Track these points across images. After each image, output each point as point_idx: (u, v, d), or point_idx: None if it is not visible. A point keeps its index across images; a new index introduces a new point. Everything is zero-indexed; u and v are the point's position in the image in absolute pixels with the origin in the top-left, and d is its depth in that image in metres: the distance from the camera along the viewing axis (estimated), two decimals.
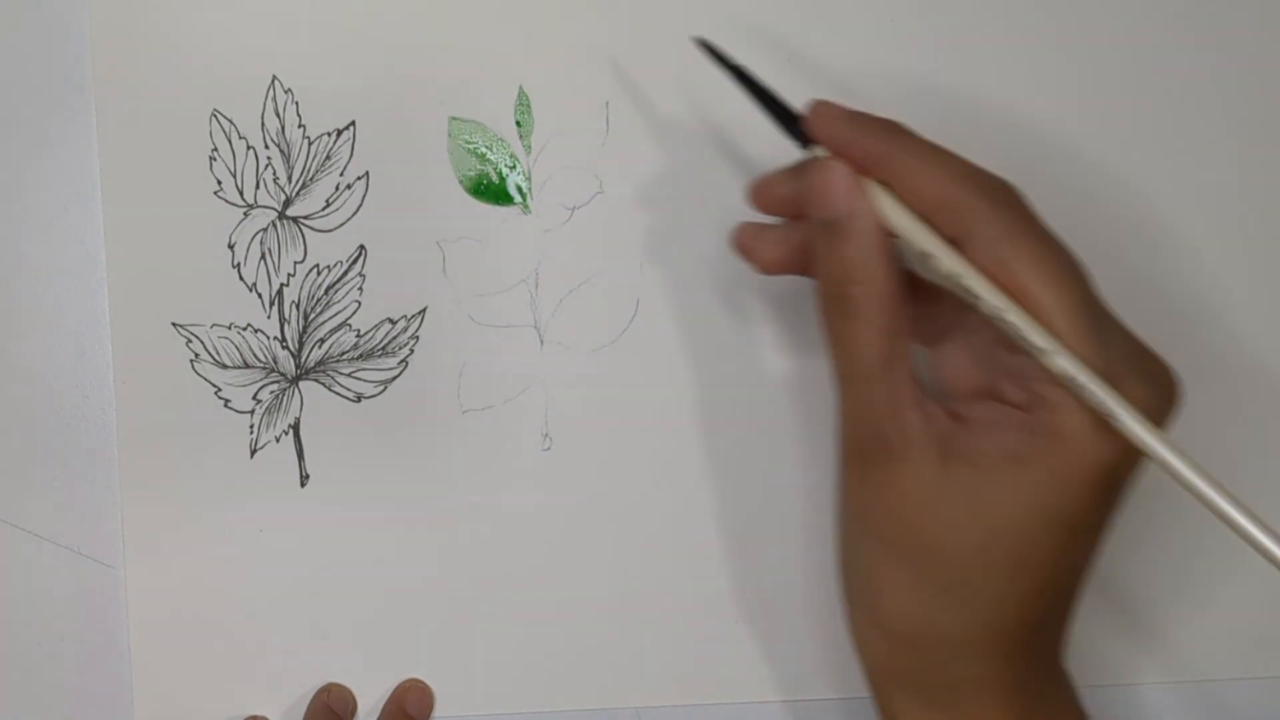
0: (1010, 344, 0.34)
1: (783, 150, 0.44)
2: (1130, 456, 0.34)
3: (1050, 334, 0.33)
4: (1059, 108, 0.45)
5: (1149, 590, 0.46)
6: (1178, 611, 0.46)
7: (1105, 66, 0.45)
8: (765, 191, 0.39)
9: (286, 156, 0.44)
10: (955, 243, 0.34)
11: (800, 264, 0.38)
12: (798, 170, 0.37)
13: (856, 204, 0.35)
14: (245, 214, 0.44)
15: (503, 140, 0.44)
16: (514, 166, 0.44)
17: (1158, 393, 0.34)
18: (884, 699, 0.38)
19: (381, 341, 0.44)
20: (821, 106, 0.36)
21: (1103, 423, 0.33)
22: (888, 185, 0.35)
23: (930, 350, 0.38)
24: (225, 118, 0.43)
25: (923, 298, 0.38)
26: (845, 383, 0.36)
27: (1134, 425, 0.32)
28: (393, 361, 0.44)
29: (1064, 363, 0.33)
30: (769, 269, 0.39)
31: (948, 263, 0.34)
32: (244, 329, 0.44)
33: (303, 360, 0.44)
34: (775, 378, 0.45)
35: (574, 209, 0.44)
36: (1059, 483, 0.34)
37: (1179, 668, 0.46)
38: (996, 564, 0.35)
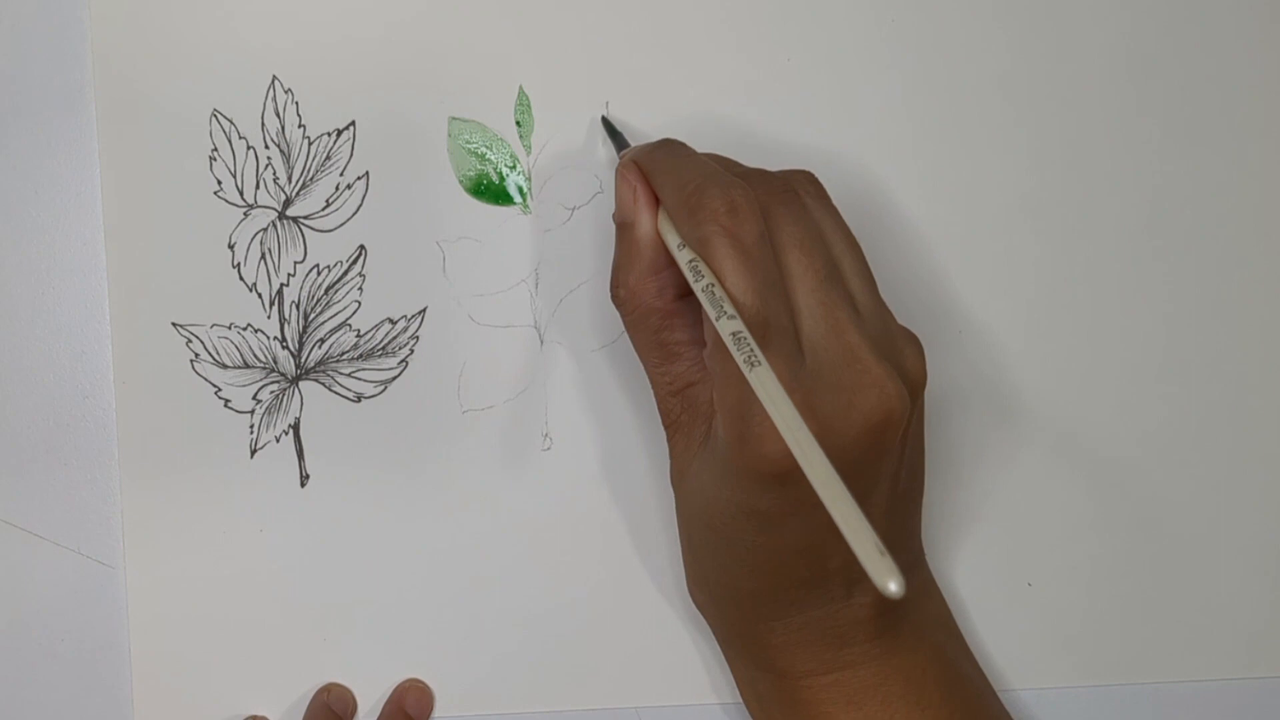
0: (716, 341, 0.36)
1: (784, 150, 0.44)
2: (782, 463, 0.34)
3: (729, 303, 0.35)
4: (1062, 107, 0.45)
5: (1125, 590, 0.46)
6: (1154, 611, 0.46)
7: (1106, 64, 0.45)
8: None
9: (286, 156, 0.44)
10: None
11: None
12: None
13: (629, 212, 0.39)
14: (245, 214, 0.44)
15: (503, 140, 0.44)
16: (514, 166, 0.44)
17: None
18: (719, 641, 0.42)
19: (381, 341, 0.44)
20: (626, 152, 0.41)
21: (748, 435, 0.34)
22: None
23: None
24: (225, 118, 0.43)
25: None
26: (645, 369, 0.40)
27: (767, 392, 0.33)
28: (393, 361, 0.44)
29: (724, 326, 0.34)
30: None
31: (677, 253, 0.37)
32: (244, 329, 0.44)
33: (303, 360, 0.44)
34: None
35: (574, 209, 0.44)
36: (735, 478, 0.36)
37: (1156, 669, 0.46)
38: (717, 538, 0.38)
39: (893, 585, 0.29)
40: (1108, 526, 0.46)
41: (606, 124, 0.44)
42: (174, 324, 0.44)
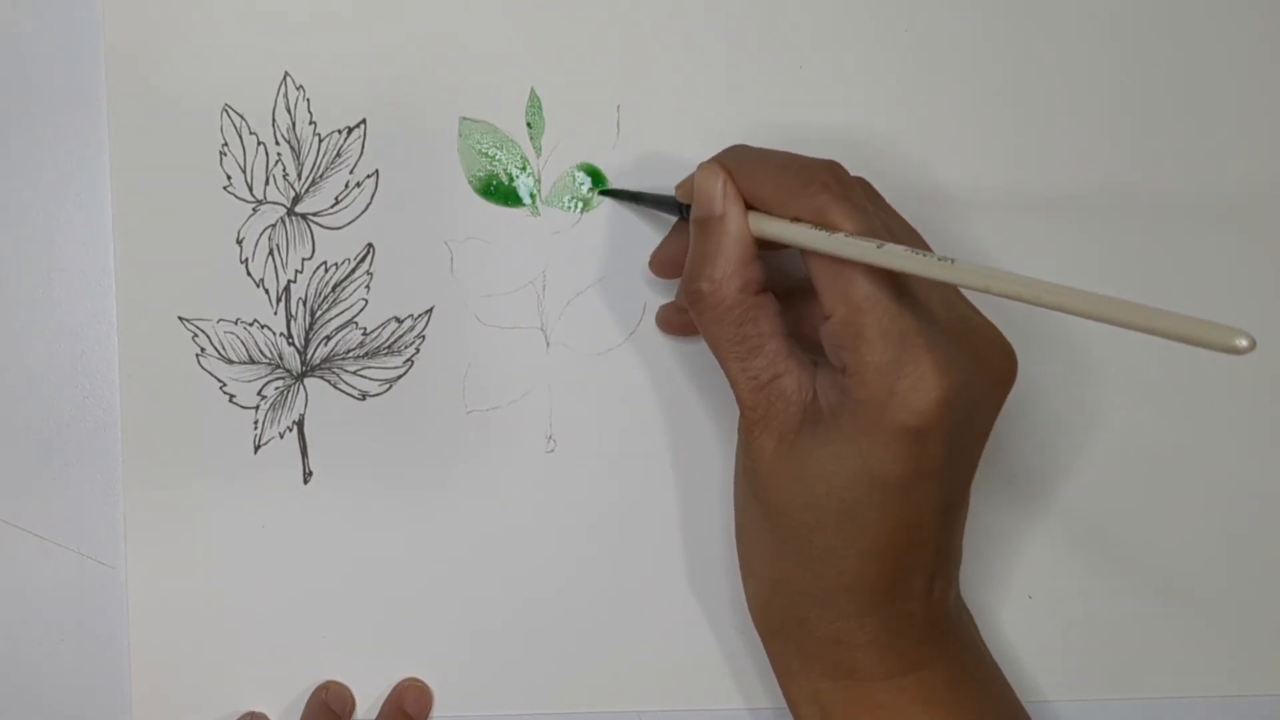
0: (849, 311, 0.36)
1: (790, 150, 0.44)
2: (926, 414, 0.35)
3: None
4: (1075, 114, 0.45)
5: (1124, 605, 0.46)
6: (1153, 626, 0.46)
7: (1119, 72, 0.45)
8: (659, 259, 0.44)
9: (297, 153, 0.44)
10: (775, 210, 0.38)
11: None
12: (677, 228, 0.43)
13: (718, 204, 0.39)
14: (254, 209, 0.44)
15: (513, 141, 0.44)
16: (524, 168, 0.44)
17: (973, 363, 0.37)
18: (771, 653, 0.41)
19: (387, 340, 0.44)
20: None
21: (899, 388, 0.35)
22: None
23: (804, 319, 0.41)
24: (236, 113, 0.43)
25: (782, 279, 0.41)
26: (721, 365, 0.39)
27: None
28: (398, 360, 0.44)
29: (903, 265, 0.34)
30: (688, 332, 0.45)
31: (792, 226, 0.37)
32: (250, 324, 0.44)
33: (308, 357, 0.44)
34: None
35: (583, 211, 0.44)
36: (866, 444, 0.36)
37: (1154, 684, 0.46)
38: (825, 522, 0.37)
39: (1242, 341, 0.28)
40: (1108, 540, 0.46)
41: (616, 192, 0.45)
42: (180, 318, 0.44)
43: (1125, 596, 0.46)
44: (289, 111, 0.44)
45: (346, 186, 0.44)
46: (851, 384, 0.36)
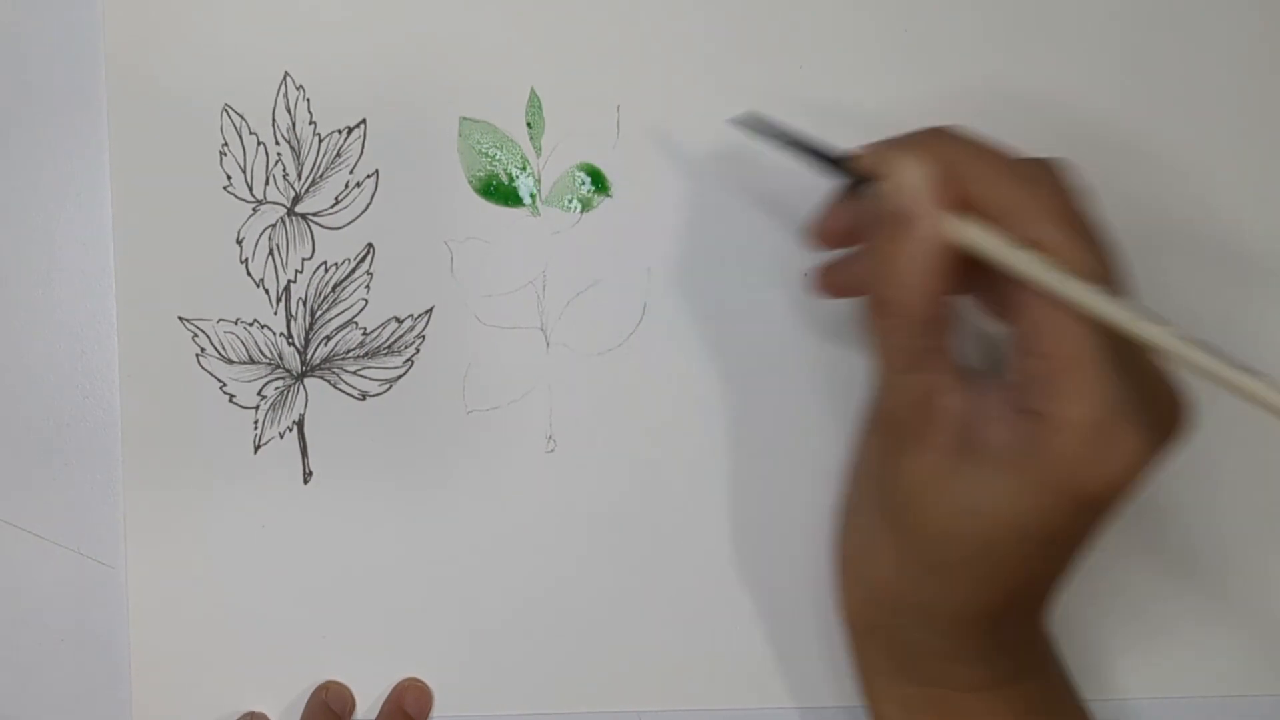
0: (1038, 349, 0.35)
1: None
2: (1116, 486, 0.34)
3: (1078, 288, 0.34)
4: (1076, 116, 0.45)
5: (1126, 605, 0.46)
6: (1153, 626, 0.46)
7: (1121, 73, 0.46)
8: (826, 230, 0.41)
9: (297, 153, 0.44)
10: (996, 222, 0.35)
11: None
12: (852, 198, 0.39)
13: (920, 206, 0.35)
14: (254, 209, 0.44)
15: (513, 141, 0.44)
16: (524, 168, 0.44)
17: (1158, 418, 0.35)
18: (858, 649, 0.41)
19: (387, 340, 0.44)
20: (869, 146, 0.37)
21: (1097, 455, 0.33)
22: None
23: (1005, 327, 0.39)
24: (236, 113, 0.43)
25: (988, 283, 0.38)
26: (880, 369, 0.37)
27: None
28: (398, 360, 0.44)
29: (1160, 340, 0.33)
30: (844, 294, 0.42)
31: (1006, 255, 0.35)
32: (250, 324, 0.44)
33: (308, 357, 0.44)
34: (781, 383, 0.45)
35: (583, 212, 0.44)
36: (1042, 498, 0.34)
37: (1155, 685, 0.46)
38: (975, 558, 0.36)
39: None
40: (1108, 540, 0.46)
41: (749, 124, 0.41)
42: (180, 318, 0.44)
43: (1125, 596, 0.46)
44: (289, 111, 0.44)
45: (346, 186, 0.44)
46: (1040, 432, 0.34)
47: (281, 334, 0.44)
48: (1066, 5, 0.45)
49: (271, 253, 0.44)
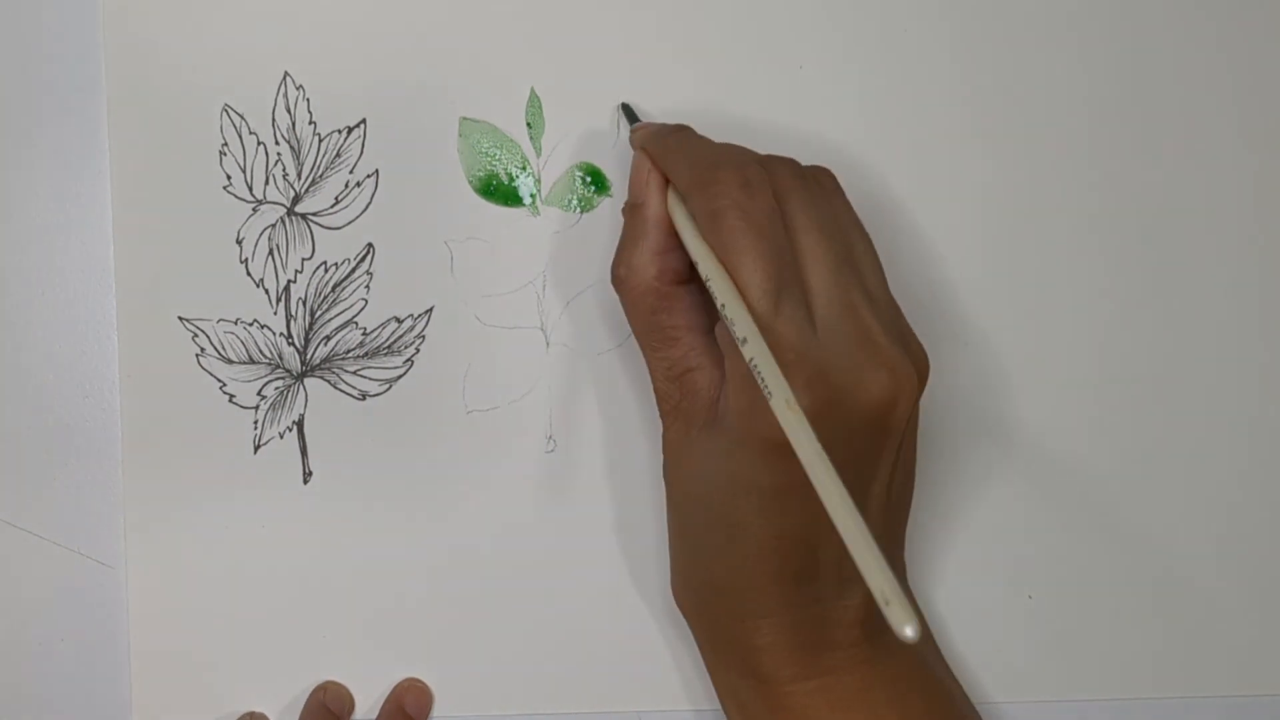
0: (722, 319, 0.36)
1: (794, 156, 0.44)
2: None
3: (744, 312, 0.35)
4: (1075, 116, 0.45)
5: (1123, 605, 0.46)
6: (1152, 626, 0.46)
7: (1119, 74, 0.45)
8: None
9: (297, 153, 0.44)
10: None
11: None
12: None
13: (640, 191, 0.39)
14: (254, 209, 0.44)
15: (513, 141, 0.44)
16: (524, 168, 0.44)
17: (874, 379, 0.36)
18: (695, 641, 0.42)
19: (387, 340, 0.44)
20: (639, 126, 0.42)
21: (762, 400, 0.34)
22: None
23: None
24: (236, 113, 0.43)
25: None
26: (641, 350, 0.40)
27: (784, 416, 0.33)
28: (398, 360, 0.44)
29: (750, 352, 0.34)
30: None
31: (691, 244, 0.37)
32: (250, 324, 0.44)
33: (308, 357, 0.44)
34: None
35: (583, 211, 0.44)
36: (739, 451, 0.36)
37: (1153, 685, 0.46)
38: (713, 521, 0.38)
39: (909, 630, 0.28)
40: (1108, 540, 0.46)
41: (626, 110, 0.44)
42: (180, 318, 0.44)
43: (1125, 596, 0.46)
44: (289, 111, 0.44)
45: (346, 186, 0.44)
46: (728, 390, 0.36)
47: (281, 334, 0.44)
48: (1066, 6, 0.45)
49: (271, 253, 0.44)
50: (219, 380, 0.44)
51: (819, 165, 0.40)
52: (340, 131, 0.44)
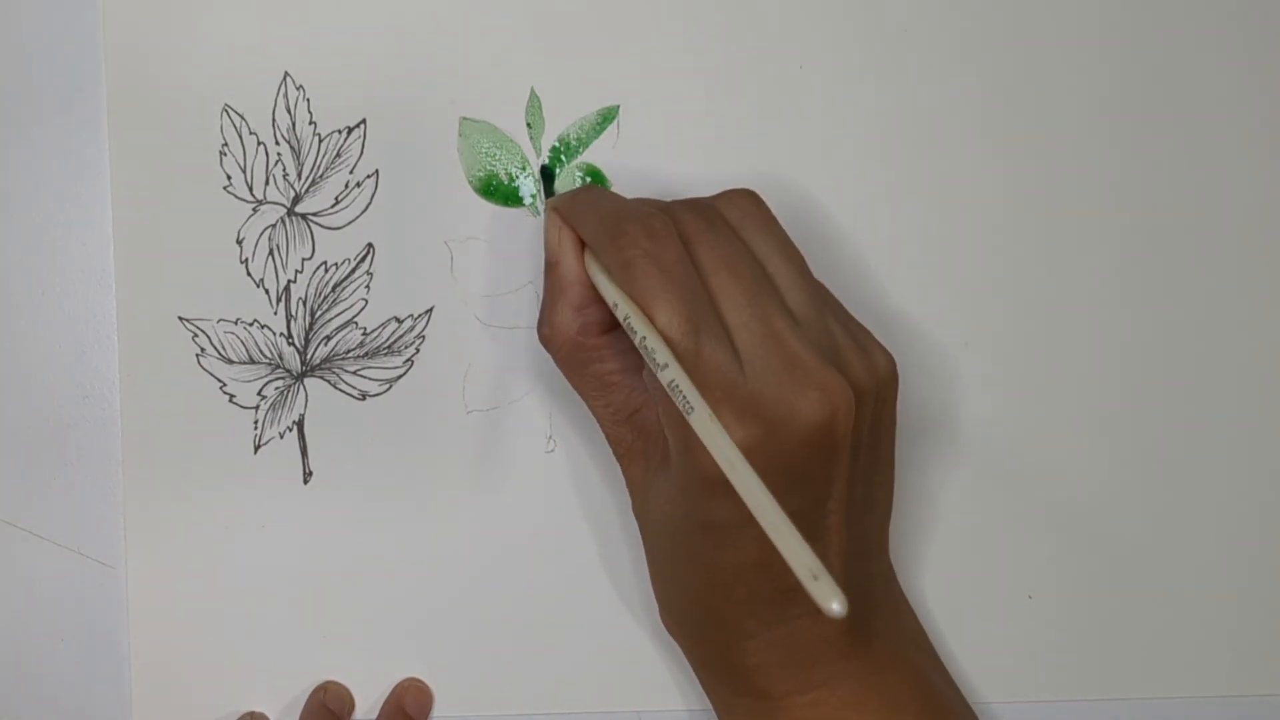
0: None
1: (792, 156, 0.45)
2: (717, 465, 0.35)
3: (664, 350, 0.35)
4: (1074, 118, 0.45)
5: (1120, 606, 0.46)
6: (1148, 627, 0.46)
7: (1122, 76, 0.45)
8: None
9: (297, 153, 0.44)
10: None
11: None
12: None
13: (553, 250, 0.40)
14: (254, 209, 0.44)
15: (513, 141, 0.44)
16: (524, 168, 0.44)
17: (800, 403, 0.35)
18: (689, 662, 0.42)
19: (388, 340, 0.44)
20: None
21: (693, 441, 0.35)
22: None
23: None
24: (236, 113, 0.43)
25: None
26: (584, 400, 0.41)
27: (711, 439, 0.34)
28: (398, 360, 0.44)
29: (670, 375, 0.35)
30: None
31: (606, 290, 0.38)
32: (250, 324, 0.44)
33: (308, 357, 0.44)
34: None
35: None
36: (687, 489, 0.37)
37: (1149, 685, 0.46)
38: (679, 555, 0.39)
39: (835, 605, 0.29)
40: (1108, 540, 0.46)
41: (545, 173, 0.44)
42: (180, 318, 0.44)
43: (1125, 596, 0.46)
44: (289, 111, 0.44)
45: (346, 186, 0.44)
46: (667, 434, 0.37)
47: (281, 334, 0.44)
48: (1065, 6, 0.45)
49: (271, 253, 0.44)
50: (219, 380, 0.44)
51: (737, 189, 0.40)
52: (340, 131, 0.44)
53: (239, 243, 0.44)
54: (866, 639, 0.39)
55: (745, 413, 0.35)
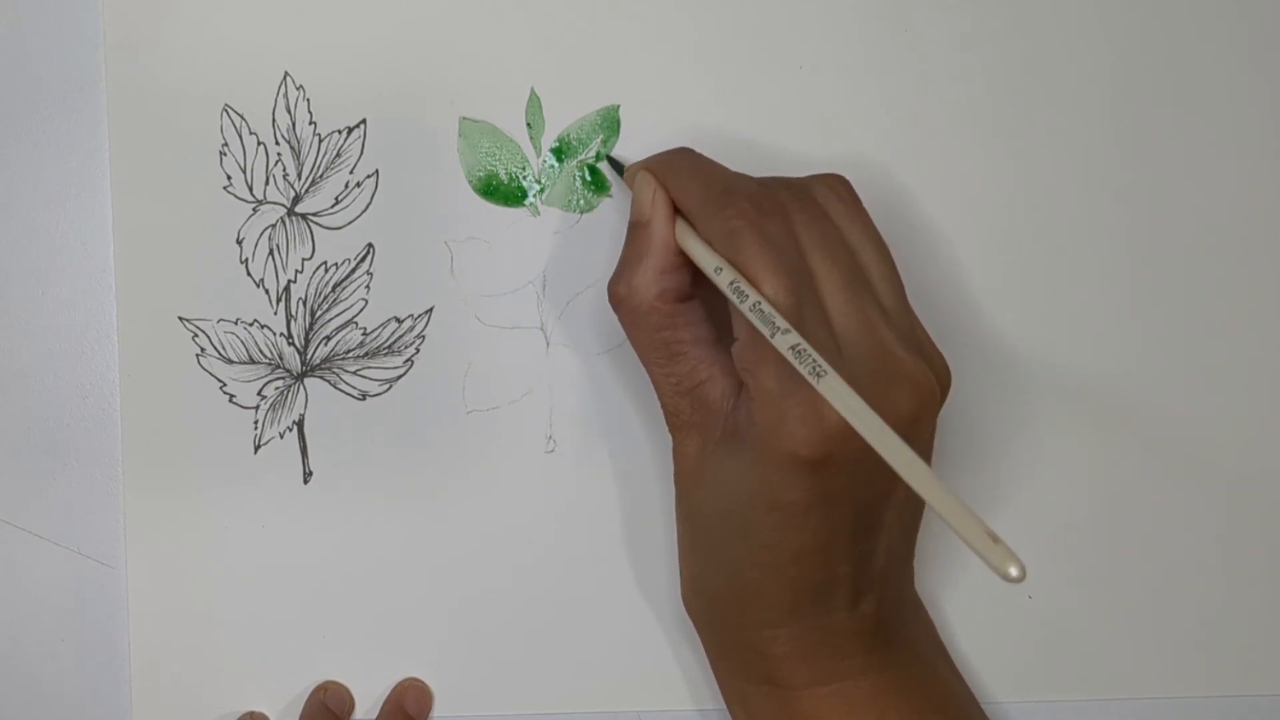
0: (751, 333, 0.36)
1: (793, 156, 0.45)
2: (812, 445, 0.35)
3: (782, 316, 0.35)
4: (1079, 114, 0.45)
5: (1126, 605, 0.46)
6: (1154, 627, 0.46)
7: (1125, 71, 0.45)
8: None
9: (297, 153, 0.44)
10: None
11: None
12: None
13: (646, 211, 0.39)
14: (254, 209, 0.44)
15: (513, 142, 0.44)
16: (524, 168, 0.44)
17: (895, 393, 0.36)
18: (704, 648, 0.42)
19: (388, 340, 0.44)
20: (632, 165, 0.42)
21: (788, 417, 0.35)
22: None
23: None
24: (236, 113, 0.43)
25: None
26: (645, 367, 0.40)
27: (844, 403, 0.33)
28: (398, 360, 0.44)
29: (793, 339, 0.34)
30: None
31: (702, 256, 0.38)
32: (250, 324, 0.44)
33: (308, 357, 0.44)
34: None
35: (583, 212, 0.44)
36: (762, 468, 0.36)
37: (1155, 684, 0.46)
38: (731, 536, 0.38)
39: (1013, 570, 0.29)
40: (1108, 541, 0.46)
41: (613, 163, 0.44)
42: (180, 318, 0.44)
43: (1124, 596, 0.46)
44: (289, 111, 0.44)
45: (346, 186, 0.44)
46: (752, 407, 0.36)
47: (281, 334, 0.44)
48: (1069, 5, 0.45)
49: (271, 253, 0.44)
50: (219, 380, 0.44)
51: (830, 173, 0.40)
52: (340, 131, 0.44)
53: (239, 243, 0.44)
54: (890, 636, 0.40)
55: None
